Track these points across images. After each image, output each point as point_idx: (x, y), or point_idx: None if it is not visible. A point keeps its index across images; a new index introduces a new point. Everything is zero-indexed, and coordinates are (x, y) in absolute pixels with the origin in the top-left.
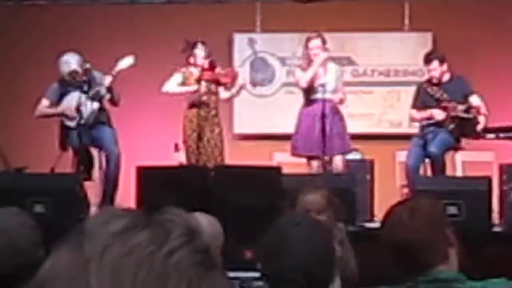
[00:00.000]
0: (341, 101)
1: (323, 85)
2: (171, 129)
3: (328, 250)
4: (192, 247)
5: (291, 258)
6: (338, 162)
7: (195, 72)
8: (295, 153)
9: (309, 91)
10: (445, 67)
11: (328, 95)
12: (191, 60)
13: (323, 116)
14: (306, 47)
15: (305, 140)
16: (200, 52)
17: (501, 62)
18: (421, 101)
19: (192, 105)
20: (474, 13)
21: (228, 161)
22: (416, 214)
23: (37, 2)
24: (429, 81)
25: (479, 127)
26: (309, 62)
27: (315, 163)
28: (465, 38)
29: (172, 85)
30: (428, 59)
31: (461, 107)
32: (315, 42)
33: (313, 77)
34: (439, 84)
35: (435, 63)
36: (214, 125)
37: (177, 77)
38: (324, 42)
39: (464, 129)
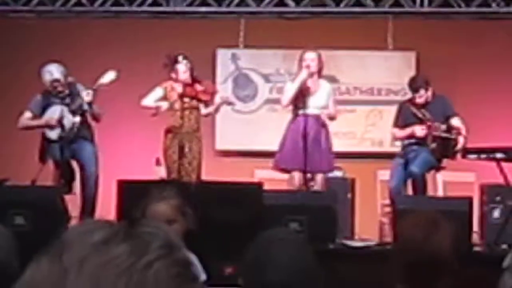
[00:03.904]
0: (332, 118)
1: (310, 101)
2: (154, 144)
3: (313, 266)
4: (171, 259)
5: (275, 273)
6: (319, 180)
7: (178, 88)
8: (277, 166)
9: (296, 106)
10: (430, 92)
11: (315, 111)
12: (173, 75)
13: (305, 132)
14: (300, 59)
15: (289, 155)
16: (181, 66)
17: (484, 81)
18: (403, 119)
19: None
20: (457, 32)
21: (209, 177)
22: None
23: (22, 15)
24: (411, 100)
25: (458, 149)
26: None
27: (297, 179)
28: (448, 57)
29: (150, 99)
30: (414, 88)
31: (443, 127)
32: (310, 55)
33: (301, 92)
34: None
35: (421, 92)
36: (195, 140)
37: (158, 92)
38: (319, 59)
39: (444, 149)
